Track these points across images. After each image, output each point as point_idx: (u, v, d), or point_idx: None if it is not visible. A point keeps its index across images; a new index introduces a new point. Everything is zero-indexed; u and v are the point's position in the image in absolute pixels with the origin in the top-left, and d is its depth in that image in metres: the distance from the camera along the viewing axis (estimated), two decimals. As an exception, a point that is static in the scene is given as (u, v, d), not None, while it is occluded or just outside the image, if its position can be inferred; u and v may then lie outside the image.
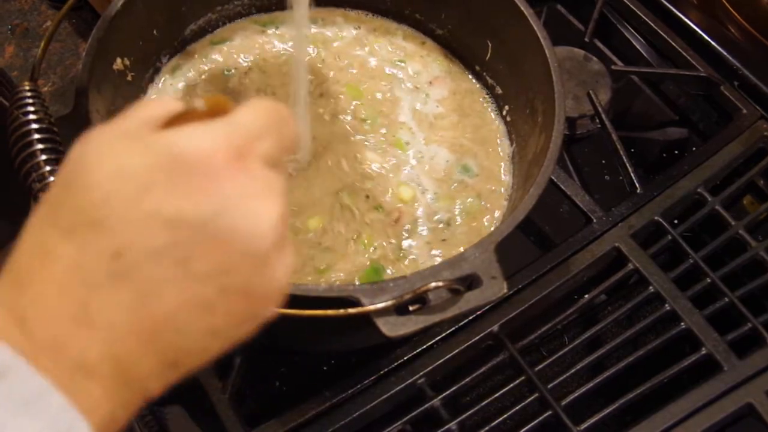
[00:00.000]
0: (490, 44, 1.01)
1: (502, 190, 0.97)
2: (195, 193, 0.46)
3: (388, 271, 0.90)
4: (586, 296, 0.95)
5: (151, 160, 0.46)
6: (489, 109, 1.04)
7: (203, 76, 1.02)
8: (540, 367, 0.91)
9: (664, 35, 1.18)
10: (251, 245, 0.48)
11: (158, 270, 0.46)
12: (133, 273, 0.45)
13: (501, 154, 1.00)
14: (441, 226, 0.94)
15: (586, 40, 1.22)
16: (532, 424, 0.87)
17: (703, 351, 0.90)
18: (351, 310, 0.68)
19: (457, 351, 0.91)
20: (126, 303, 0.45)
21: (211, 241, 0.46)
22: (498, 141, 1.01)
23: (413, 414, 0.89)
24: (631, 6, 1.21)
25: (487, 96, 1.05)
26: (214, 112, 0.51)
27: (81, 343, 0.45)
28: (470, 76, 1.07)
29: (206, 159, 0.47)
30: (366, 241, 0.91)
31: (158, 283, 0.46)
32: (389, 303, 0.68)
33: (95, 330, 0.45)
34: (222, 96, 0.53)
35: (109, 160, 0.47)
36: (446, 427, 0.88)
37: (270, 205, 0.48)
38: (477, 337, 0.92)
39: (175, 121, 0.50)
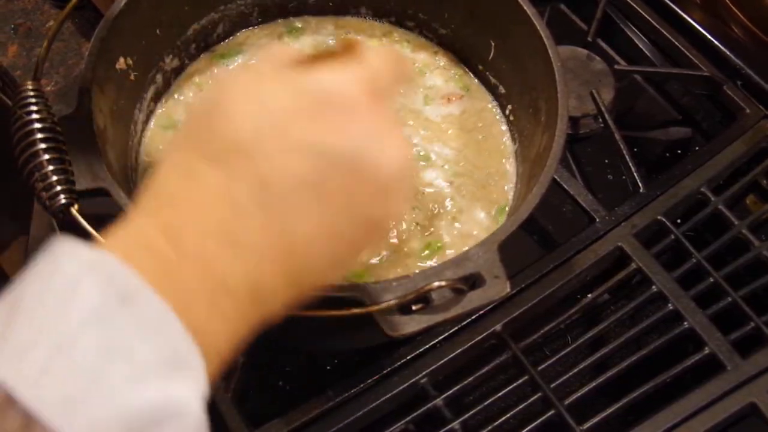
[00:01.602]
0: (493, 43, 1.01)
1: (505, 189, 0.97)
2: (338, 127, 0.50)
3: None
4: (589, 296, 0.95)
5: (297, 96, 0.51)
6: (491, 108, 1.04)
7: None
8: (543, 366, 0.91)
9: (667, 35, 1.18)
10: (382, 179, 0.52)
11: (300, 200, 0.50)
12: (275, 202, 0.49)
13: (503, 153, 1.00)
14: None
15: (589, 39, 1.22)
16: (535, 423, 0.87)
17: (707, 350, 0.90)
18: (354, 310, 0.68)
19: (460, 350, 0.91)
20: (268, 228, 0.49)
21: (350, 173, 0.51)
22: (501, 140, 1.01)
23: (416, 413, 0.89)
24: (634, 5, 1.21)
25: (489, 94, 1.05)
26: (346, 52, 0.55)
27: (223, 262, 0.48)
28: (472, 75, 1.07)
29: (347, 96, 0.51)
30: None
31: (299, 212, 0.50)
32: (392, 302, 0.68)
33: (238, 250, 0.48)
34: (350, 39, 0.57)
35: (255, 94, 0.51)
36: (449, 426, 0.88)
37: (400, 143, 0.54)
38: (480, 337, 0.92)
39: (311, 61, 0.54)
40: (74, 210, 0.74)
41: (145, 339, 0.43)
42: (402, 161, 0.53)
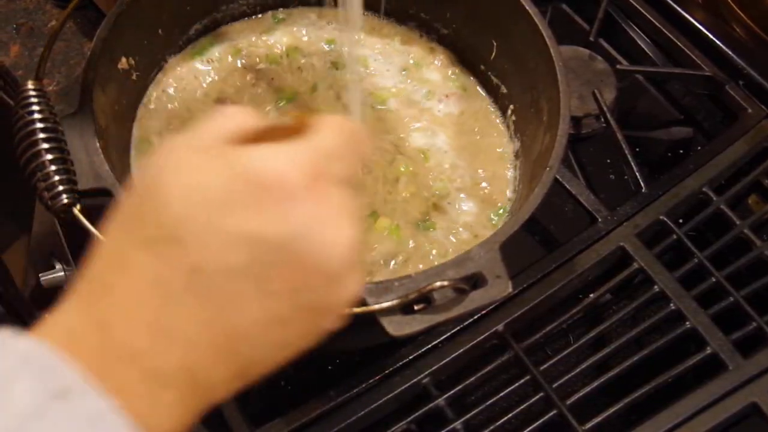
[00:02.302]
0: (495, 43, 1.01)
1: (507, 189, 0.97)
2: (273, 214, 0.47)
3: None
4: (591, 295, 0.95)
5: (231, 179, 0.47)
6: (493, 108, 1.04)
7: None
8: (545, 366, 0.91)
9: (669, 34, 1.18)
10: (327, 267, 0.49)
11: (235, 287, 0.47)
12: (210, 289, 0.46)
13: (505, 153, 1.00)
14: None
15: (591, 39, 1.22)
16: (537, 423, 0.87)
17: (708, 350, 0.90)
18: (356, 310, 0.68)
19: (461, 350, 0.91)
20: (202, 317, 0.46)
21: (289, 262, 0.47)
22: (502, 140, 1.01)
23: (418, 413, 0.89)
24: (636, 5, 1.21)
25: (491, 95, 1.05)
26: (293, 127, 0.52)
27: (158, 353, 0.45)
28: (473, 78, 1.07)
29: (285, 180, 0.47)
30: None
31: (235, 300, 0.47)
32: (394, 302, 0.68)
33: (172, 341, 0.46)
34: (301, 113, 0.53)
35: (188, 175, 0.48)
36: (451, 426, 0.88)
37: (346, 228, 0.49)
38: (482, 337, 0.92)
39: (254, 136, 0.51)
40: (76, 210, 0.74)
41: None
42: (347, 246, 0.49)
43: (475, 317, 0.93)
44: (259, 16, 1.08)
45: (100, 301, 0.46)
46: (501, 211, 0.95)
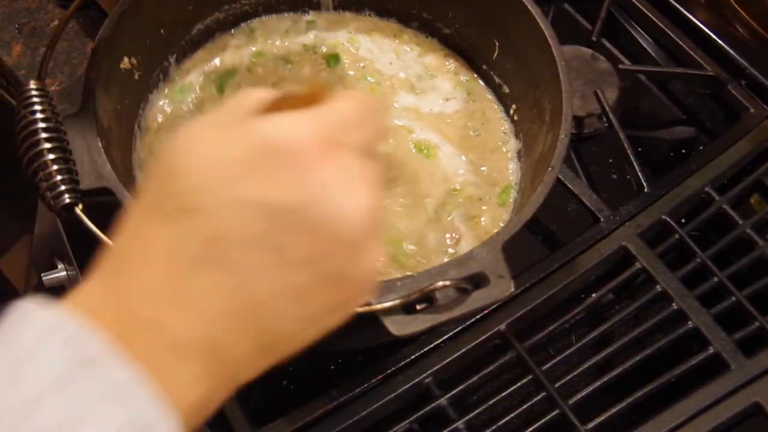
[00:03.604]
0: (497, 43, 1.01)
1: (510, 189, 0.97)
2: (290, 182, 0.47)
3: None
4: (594, 295, 0.95)
5: (247, 149, 0.48)
6: (496, 108, 1.04)
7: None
8: (547, 366, 0.91)
9: (671, 34, 1.18)
10: (344, 233, 0.49)
11: (254, 256, 0.47)
12: (229, 259, 0.47)
13: (508, 152, 1.00)
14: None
15: (594, 39, 1.22)
16: (540, 423, 0.87)
17: (711, 350, 0.90)
18: (358, 309, 0.68)
19: (464, 350, 0.91)
20: (222, 287, 0.47)
21: (306, 229, 0.47)
22: (505, 139, 1.01)
23: (420, 413, 0.89)
24: (639, 5, 1.21)
25: (493, 94, 1.05)
26: (311, 99, 0.52)
27: (177, 324, 0.46)
28: (475, 75, 1.07)
29: (301, 148, 0.48)
30: None
31: (254, 269, 0.47)
32: (396, 302, 0.68)
33: (191, 312, 0.46)
34: (320, 82, 0.53)
35: (205, 148, 0.49)
36: (453, 426, 0.88)
37: (363, 195, 0.49)
38: (484, 336, 0.92)
39: (272, 108, 0.51)
40: (78, 209, 0.74)
41: (110, 405, 0.41)
42: (365, 212, 0.49)
43: (478, 317, 0.93)
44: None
45: (121, 274, 0.47)
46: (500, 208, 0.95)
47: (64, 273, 1.00)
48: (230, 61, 1.04)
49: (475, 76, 1.06)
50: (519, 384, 0.90)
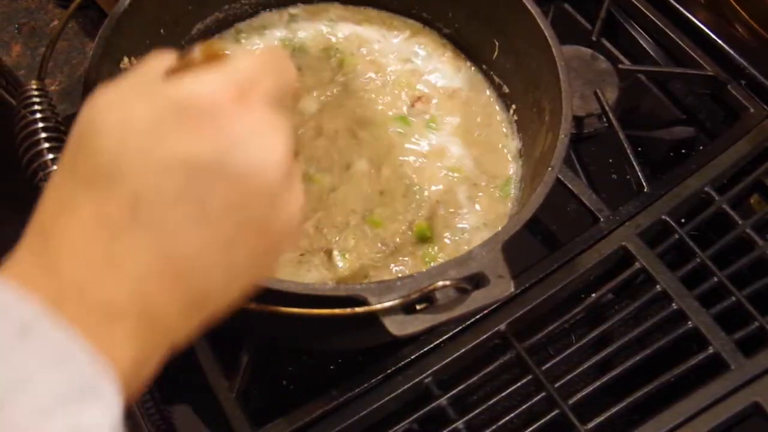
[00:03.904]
0: (497, 43, 1.01)
1: (510, 188, 0.97)
2: (202, 135, 0.48)
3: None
4: (593, 295, 0.95)
5: (158, 108, 0.48)
6: (496, 108, 1.04)
7: None
8: (547, 366, 0.91)
9: (671, 34, 1.18)
10: (262, 182, 0.49)
11: (175, 213, 0.47)
12: (150, 218, 0.47)
13: (508, 152, 1.00)
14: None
15: (594, 38, 1.22)
16: (539, 423, 0.87)
17: (710, 350, 0.90)
18: (358, 310, 0.68)
19: (464, 350, 0.91)
20: (148, 245, 0.47)
21: (224, 181, 0.48)
22: (505, 139, 1.01)
23: (420, 413, 0.89)
24: (639, 5, 1.21)
25: (493, 94, 1.05)
26: (212, 59, 0.53)
27: (107, 286, 0.46)
28: (480, 75, 1.07)
29: (210, 101, 0.49)
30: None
31: (176, 225, 0.47)
32: (396, 302, 0.68)
33: (120, 272, 0.46)
34: (217, 43, 0.54)
35: (117, 111, 0.49)
36: (453, 426, 0.88)
37: (276, 141, 0.50)
38: (484, 336, 0.92)
39: (176, 71, 0.52)
40: (78, 209, 0.74)
41: (49, 369, 0.41)
42: (277, 161, 0.50)
43: (477, 317, 0.93)
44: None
45: (48, 244, 0.47)
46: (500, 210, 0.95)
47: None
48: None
49: (473, 69, 1.07)
50: (519, 384, 0.90)
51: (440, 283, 0.69)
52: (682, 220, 1.01)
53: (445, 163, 0.98)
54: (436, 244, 0.92)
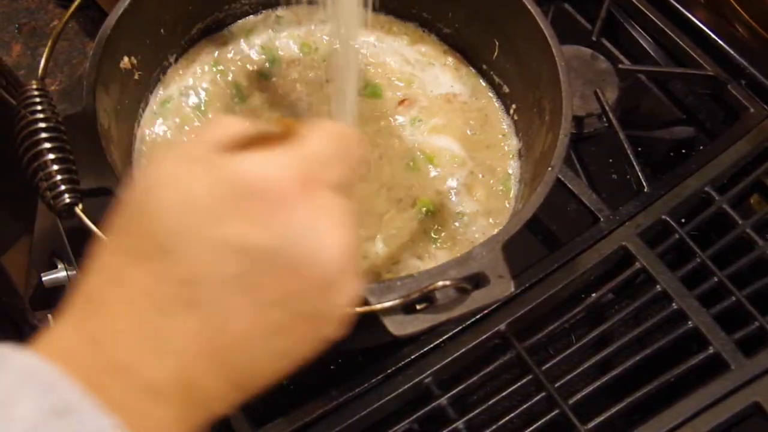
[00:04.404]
0: (497, 43, 1.01)
1: (510, 189, 0.97)
2: (263, 222, 0.47)
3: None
4: (593, 295, 0.95)
5: (219, 187, 0.47)
6: (497, 106, 1.04)
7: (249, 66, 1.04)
8: (547, 365, 0.91)
9: (671, 34, 1.18)
10: (320, 273, 0.48)
11: (228, 297, 0.47)
12: (202, 300, 0.46)
13: (508, 152, 1.00)
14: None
15: (594, 38, 1.22)
16: (540, 423, 0.87)
17: (711, 350, 0.90)
18: (358, 309, 0.68)
19: (464, 350, 0.91)
20: (196, 329, 0.46)
21: (280, 269, 0.47)
22: (505, 139, 1.01)
23: (420, 413, 0.89)
24: (639, 5, 1.21)
25: (494, 94, 1.05)
26: (283, 134, 0.51)
27: (151, 368, 0.45)
28: (479, 75, 1.07)
29: (276, 187, 0.47)
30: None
31: (228, 310, 0.47)
32: (396, 302, 0.68)
33: (165, 354, 0.46)
34: (291, 120, 0.53)
35: (177, 187, 0.48)
36: (453, 425, 0.88)
37: (338, 233, 0.49)
38: (484, 336, 0.92)
39: (244, 144, 0.50)
40: (78, 209, 0.74)
41: None
42: (340, 251, 0.49)
43: (478, 317, 0.93)
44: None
45: (94, 317, 0.47)
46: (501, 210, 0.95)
47: (64, 273, 1.00)
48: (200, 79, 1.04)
49: (474, 72, 1.07)
50: (519, 384, 0.90)
51: (440, 283, 0.69)
52: (683, 220, 1.01)
53: (444, 159, 0.98)
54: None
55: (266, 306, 0.47)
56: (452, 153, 0.99)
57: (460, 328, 0.92)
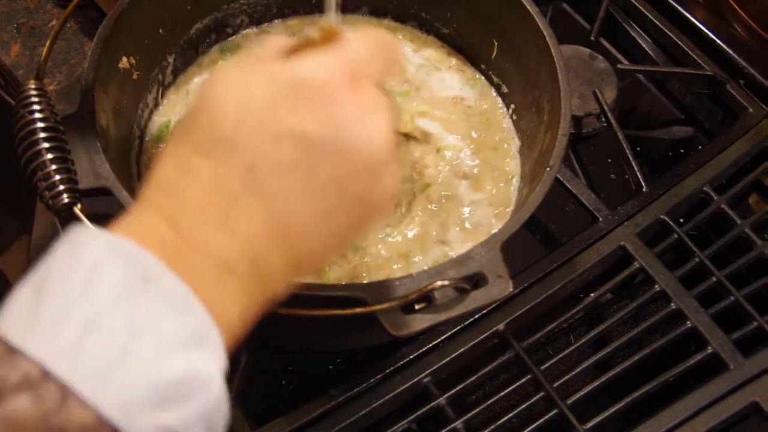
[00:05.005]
0: (495, 43, 1.01)
1: (509, 188, 0.97)
2: (317, 113, 0.52)
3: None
4: (592, 295, 0.95)
5: (276, 86, 0.53)
6: (497, 106, 1.04)
7: None
8: (546, 365, 0.91)
9: (670, 34, 1.18)
10: (369, 158, 0.54)
11: (286, 182, 0.52)
12: (264, 185, 0.52)
13: (507, 152, 1.00)
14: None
15: (592, 38, 1.22)
16: (538, 422, 0.87)
17: (709, 350, 0.90)
18: (357, 309, 0.68)
19: (462, 350, 0.91)
20: (259, 211, 0.52)
21: (333, 154, 0.53)
22: (505, 138, 1.01)
23: (419, 413, 0.89)
24: (637, 5, 1.21)
25: (494, 94, 1.05)
26: (328, 40, 0.57)
27: (223, 244, 0.51)
28: (478, 74, 1.07)
29: (325, 82, 0.53)
30: None
31: (287, 193, 0.53)
32: (395, 302, 0.68)
33: (234, 233, 0.51)
34: (333, 25, 0.58)
35: (239, 88, 0.54)
36: (452, 425, 0.88)
37: (383, 121, 0.55)
38: (483, 336, 0.92)
39: (294, 52, 0.56)
40: (77, 209, 0.74)
41: (170, 316, 0.46)
42: (384, 140, 0.54)
43: (476, 317, 0.93)
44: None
45: (168, 202, 0.52)
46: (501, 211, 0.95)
47: (62, 273, 1.00)
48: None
49: (477, 75, 1.06)
50: (517, 384, 0.90)
51: (439, 283, 0.69)
52: (681, 220, 1.01)
53: (444, 153, 0.98)
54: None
55: (321, 189, 0.53)
56: (458, 149, 0.99)
57: (459, 327, 0.92)
